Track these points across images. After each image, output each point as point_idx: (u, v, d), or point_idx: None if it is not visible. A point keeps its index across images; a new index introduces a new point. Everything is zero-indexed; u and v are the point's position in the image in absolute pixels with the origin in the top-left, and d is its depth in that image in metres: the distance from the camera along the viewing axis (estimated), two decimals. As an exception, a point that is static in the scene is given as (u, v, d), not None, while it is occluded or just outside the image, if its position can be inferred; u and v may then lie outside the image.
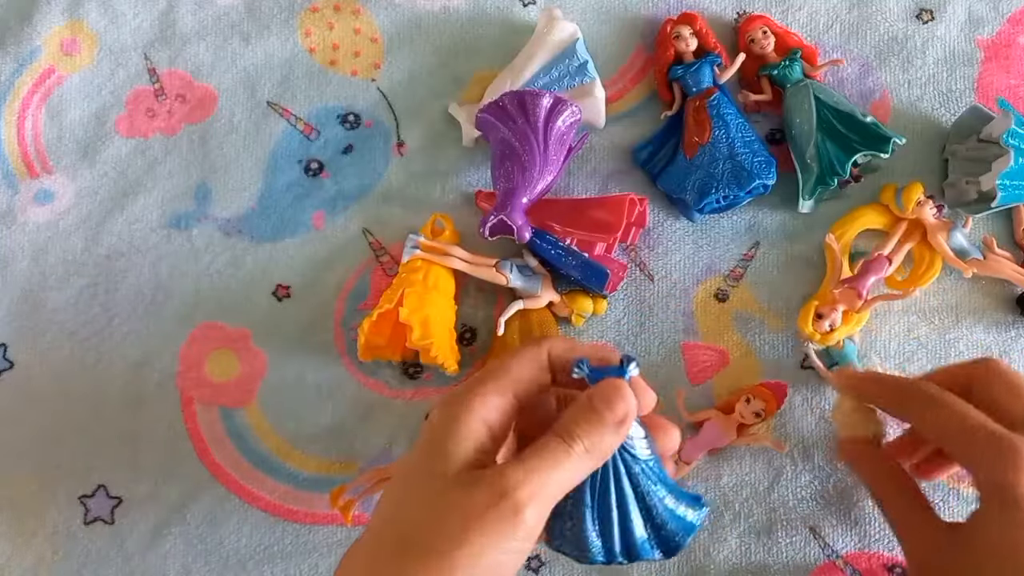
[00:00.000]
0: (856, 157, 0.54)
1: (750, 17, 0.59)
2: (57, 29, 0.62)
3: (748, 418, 0.52)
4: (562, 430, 0.36)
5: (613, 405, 0.36)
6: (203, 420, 0.55)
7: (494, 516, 0.33)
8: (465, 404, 0.37)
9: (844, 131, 0.55)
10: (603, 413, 0.36)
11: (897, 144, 0.54)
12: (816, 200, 0.56)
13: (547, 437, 0.36)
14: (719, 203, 0.56)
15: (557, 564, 0.53)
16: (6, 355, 0.57)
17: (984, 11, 0.60)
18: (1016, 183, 0.53)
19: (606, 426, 0.36)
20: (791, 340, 0.56)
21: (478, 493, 0.34)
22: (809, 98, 0.56)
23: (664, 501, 0.38)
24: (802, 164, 0.56)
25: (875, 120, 0.55)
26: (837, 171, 0.54)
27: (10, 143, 0.60)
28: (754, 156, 0.54)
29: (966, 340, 0.55)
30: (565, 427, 0.36)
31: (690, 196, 0.55)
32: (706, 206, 0.55)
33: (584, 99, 0.56)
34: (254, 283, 0.57)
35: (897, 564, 0.52)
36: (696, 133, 0.56)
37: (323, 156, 0.59)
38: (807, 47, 0.58)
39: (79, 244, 0.58)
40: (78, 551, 0.54)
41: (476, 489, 0.34)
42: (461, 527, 0.33)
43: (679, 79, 0.57)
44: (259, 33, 0.61)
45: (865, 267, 0.54)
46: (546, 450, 0.35)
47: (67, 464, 0.55)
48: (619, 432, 0.36)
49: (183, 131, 0.60)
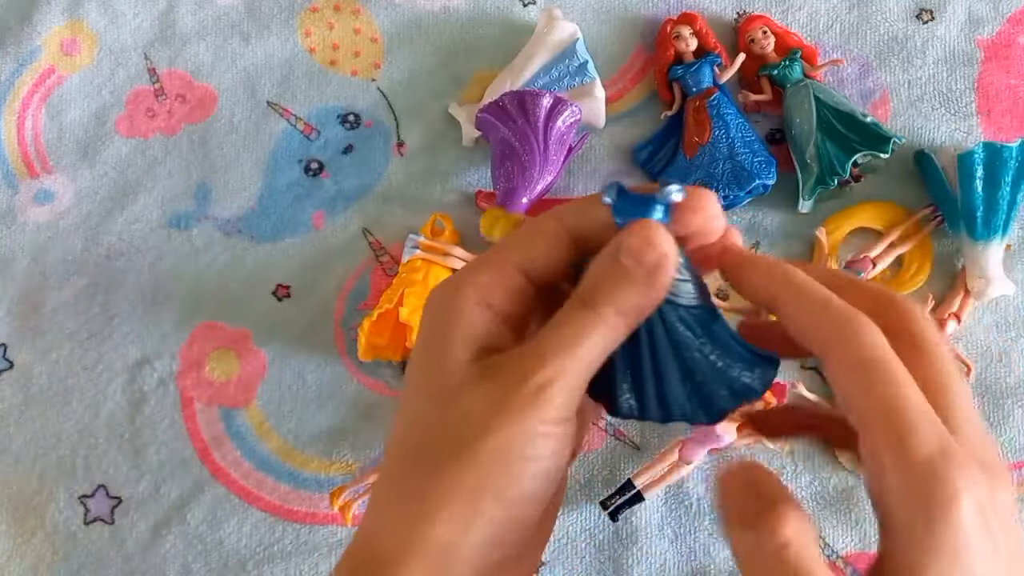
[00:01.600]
0: (856, 157, 0.54)
1: (750, 17, 0.59)
2: (57, 29, 0.62)
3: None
4: (585, 293, 0.29)
5: (641, 255, 0.28)
6: (203, 420, 0.55)
7: (517, 404, 0.28)
8: (456, 289, 0.31)
9: (844, 131, 0.55)
10: (630, 267, 0.28)
11: (897, 144, 0.54)
12: (816, 200, 0.56)
13: (569, 304, 0.30)
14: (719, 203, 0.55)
15: (557, 564, 0.53)
16: (6, 355, 0.57)
17: (984, 11, 0.60)
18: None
19: (635, 282, 0.29)
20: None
21: (495, 381, 0.29)
22: (809, 98, 0.56)
23: (710, 357, 0.31)
24: (802, 164, 0.56)
25: (875, 120, 0.55)
26: (837, 171, 0.54)
27: (10, 143, 0.60)
28: (754, 156, 0.55)
29: (966, 340, 0.55)
30: (588, 289, 0.29)
31: None
32: None
33: (584, 99, 0.56)
34: (254, 283, 0.57)
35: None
36: (696, 133, 0.56)
37: (323, 156, 0.59)
38: (807, 47, 0.58)
39: (79, 244, 0.58)
40: (78, 551, 0.54)
41: (493, 377, 0.29)
42: (481, 422, 0.28)
43: (679, 79, 0.57)
44: (259, 33, 0.61)
45: (848, 267, 0.54)
46: (568, 321, 0.29)
47: (67, 464, 0.55)
48: (655, 285, 0.29)
49: (183, 131, 0.60)
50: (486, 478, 0.28)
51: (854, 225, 0.56)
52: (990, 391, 0.54)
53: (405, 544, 0.28)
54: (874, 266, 0.54)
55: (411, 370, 0.32)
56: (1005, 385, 0.55)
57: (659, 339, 0.30)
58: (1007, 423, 0.54)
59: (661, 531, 0.53)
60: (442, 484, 0.28)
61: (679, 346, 0.30)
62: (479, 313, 0.30)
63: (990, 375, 0.55)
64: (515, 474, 0.28)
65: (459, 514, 0.28)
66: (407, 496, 0.29)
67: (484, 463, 0.28)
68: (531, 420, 0.28)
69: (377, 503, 0.31)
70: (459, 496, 0.28)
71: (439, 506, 0.28)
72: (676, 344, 0.30)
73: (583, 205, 0.31)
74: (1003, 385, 0.55)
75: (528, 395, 0.28)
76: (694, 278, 0.31)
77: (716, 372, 0.31)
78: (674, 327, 0.30)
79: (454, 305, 0.30)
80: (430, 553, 0.28)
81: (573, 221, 0.31)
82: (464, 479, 0.28)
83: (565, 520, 0.54)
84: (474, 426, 0.28)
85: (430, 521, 0.28)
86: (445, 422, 0.29)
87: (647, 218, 0.29)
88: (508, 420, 0.28)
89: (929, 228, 0.55)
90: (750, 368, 0.31)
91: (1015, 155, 0.54)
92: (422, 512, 0.28)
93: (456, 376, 0.29)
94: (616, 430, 0.55)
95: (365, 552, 0.30)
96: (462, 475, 0.28)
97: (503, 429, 0.28)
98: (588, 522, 0.54)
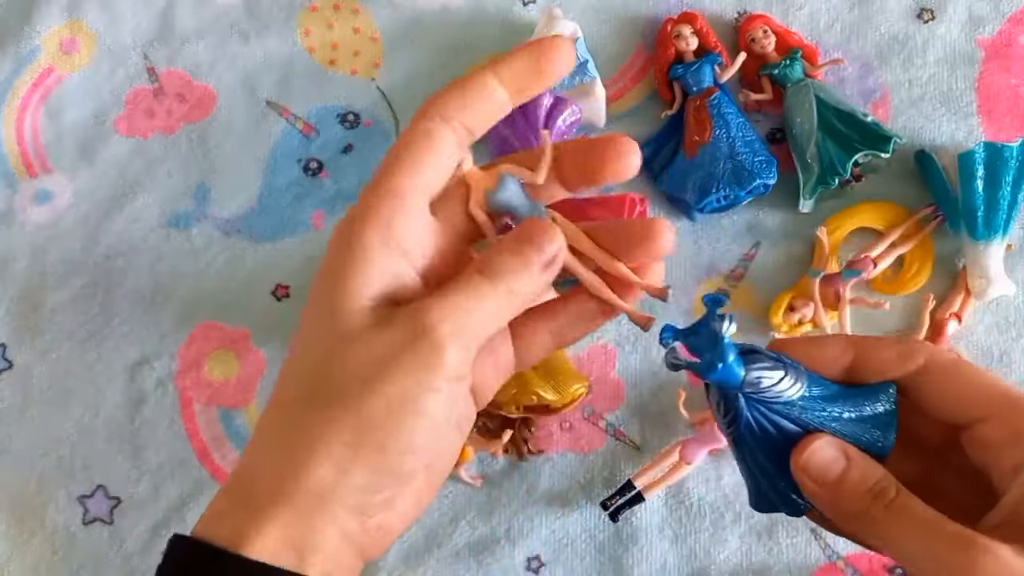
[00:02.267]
0: (857, 156, 0.54)
1: (750, 16, 0.59)
2: (56, 28, 0.61)
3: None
4: (485, 266, 0.31)
5: (543, 247, 0.31)
6: (203, 420, 0.55)
7: (411, 358, 0.29)
8: (363, 225, 0.30)
9: (845, 130, 0.55)
10: (530, 254, 0.31)
11: (898, 143, 0.54)
12: (817, 200, 0.56)
13: (471, 272, 0.31)
14: (720, 203, 0.55)
15: (557, 564, 0.53)
16: (6, 355, 0.56)
17: (985, 10, 0.60)
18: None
19: (532, 270, 0.31)
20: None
21: (390, 333, 0.29)
22: (810, 97, 0.56)
23: (850, 424, 0.32)
24: (803, 163, 0.56)
25: (876, 120, 0.55)
26: (838, 170, 0.54)
27: (9, 143, 0.60)
28: (755, 155, 0.54)
29: (965, 341, 0.55)
30: (489, 263, 0.31)
31: (691, 196, 0.55)
32: (707, 206, 0.55)
33: (584, 98, 0.56)
34: (254, 283, 0.57)
35: (898, 565, 0.52)
36: (697, 132, 0.56)
37: (323, 156, 0.59)
38: (808, 47, 0.58)
39: (78, 244, 0.58)
40: (77, 551, 0.54)
41: (388, 328, 0.29)
42: (372, 370, 0.29)
43: (680, 78, 0.57)
44: (258, 32, 0.61)
45: (849, 267, 0.54)
46: (467, 287, 0.30)
47: (67, 464, 0.55)
48: (547, 274, 0.32)
49: (182, 131, 0.60)
50: (369, 429, 0.29)
51: (855, 225, 0.56)
52: (991, 391, 0.54)
53: (282, 485, 0.29)
54: (875, 266, 0.54)
55: (309, 306, 0.32)
56: (1006, 385, 0.54)
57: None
58: (1008, 423, 0.54)
59: (661, 532, 0.53)
60: (325, 429, 0.29)
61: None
62: (385, 255, 0.30)
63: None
64: (399, 427, 0.29)
65: (339, 460, 0.29)
66: (290, 436, 0.30)
67: (368, 414, 0.29)
68: (421, 376, 0.29)
69: (261, 438, 0.32)
70: (340, 441, 0.29)
71: (319, 450, 0.29)
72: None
73: (467, 92, 0.33)
74: (1004, 385, 0.54)
75: (421, 352, 0.29)
76: (787, 371, 0.32)
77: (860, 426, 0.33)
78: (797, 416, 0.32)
79: (359, 243, 0.30)
80: (306, 496, 0.29)
81: (462, 118, 0.32)
82: (346, 426, 0.29)
83: (565, 520, 0.54)
84: (362, 376, 0.29)
85: (309, 464, 0.29)
86: (334, 367, 0.30)
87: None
88: (398, 375, 0.29)
89: (930, 228, 0.55)
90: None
91: (1016, 155, 0.54)
92: (302, 455, 0.29)
93: (351, 321, 0.30)
94: (616, 430, 0.55)
95: (243, 488, 0.31)
96: (344, 422, 0.29)
97: (391, 383, 0.29)
98: (588, 522, 0.54)
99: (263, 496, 0.29)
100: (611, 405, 0.55)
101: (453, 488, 0.54)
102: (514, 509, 0.54)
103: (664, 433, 0.55)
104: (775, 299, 0.55)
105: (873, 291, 0.56)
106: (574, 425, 0.55)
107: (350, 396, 0.29)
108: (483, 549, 0.54)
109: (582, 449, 0.55)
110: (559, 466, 0.55)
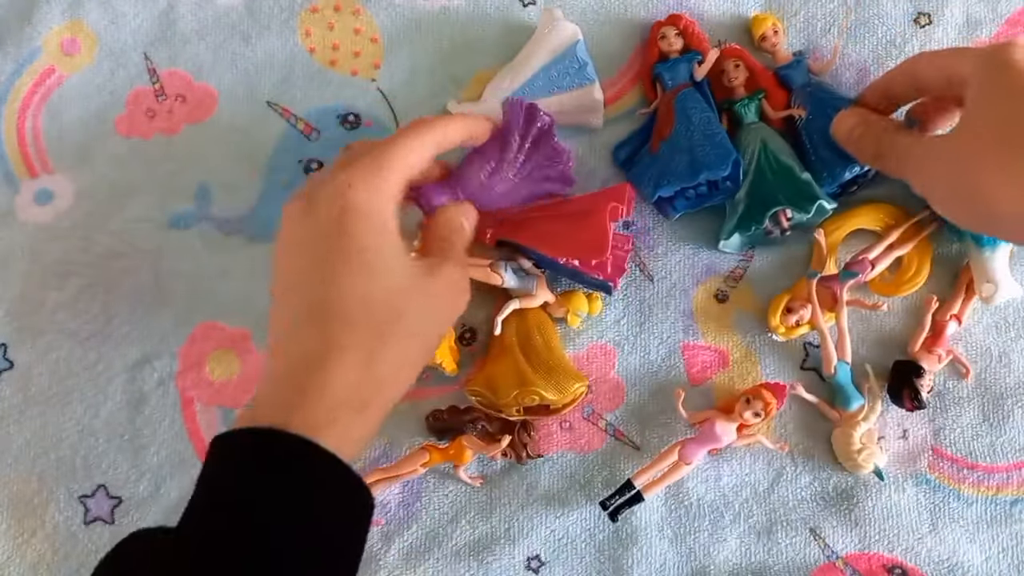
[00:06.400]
0: (776, 210, 0.53)
1: (727, 48, 0.58)
2: (57, 29, 0.61)
3: (748, 419, 0.52)
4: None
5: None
6: (203, 420, 0.55)
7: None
8: (386, 199, 0.43)
9: (774, 182, 0.54)
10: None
11: (824, 208, 0.53)
12: (742, 243, 0.56)
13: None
14: (688, 199, 0.55)
15: (557, 564, 0.54)
16: (6, 355, 0.57)
17: (982, 13, 0.60)
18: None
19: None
20: (792, 340, 0.56)
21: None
22: (756, 142, 0.55)
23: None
24: (731, 204, 0.55)
25: (810, 179, 0.54)
26: (755, 217, 0.54)
27: (10, 143, 0.60)
28: (712, 148, 0.53)
29: (966, 341, 0.56)
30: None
31: (647, 190, 0.55)
32: (677, 204, 0.55)
33: (582, 100, 0.57)
34: (254, 283, 0.57)
35: (897, 565, 0.53)
36: (662, 127, 0.56)
37: (323, 156, 0.59)
38: (778, 91, 0.57)
39: (79, 244, 0.58)
40: (78, 551, 0.54)
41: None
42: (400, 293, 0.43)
43: (659, 77, 0.57)
44: (259, 33, 0.61)
45: (847, 268, 0.55)
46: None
47: (67, 464, 0.55)
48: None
49: (183, 131, 0.60)
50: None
51: (853, 226, 0.56)
52: (990, 391, 0.55)
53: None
54: (873, 268, 0.54)
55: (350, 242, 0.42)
56: (1005, 385, 0.55)
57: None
58: (1007, 423, 0.54)
59: (661, 531, 0.54)
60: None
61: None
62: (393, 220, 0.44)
63: (990, 375, 0.55)
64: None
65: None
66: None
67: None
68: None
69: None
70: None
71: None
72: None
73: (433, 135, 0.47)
74: (1003, 385, 0.55)
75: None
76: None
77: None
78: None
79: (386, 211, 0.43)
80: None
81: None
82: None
83: (565, 520, 0.54)
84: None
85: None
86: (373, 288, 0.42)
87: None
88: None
89: (928, 230, 0.56)
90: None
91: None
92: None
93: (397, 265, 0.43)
94: (616, 430, 0.55)
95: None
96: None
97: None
98: (588, 522, 0.54)
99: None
100: (611, 405, 0.56)
101: (453, 488, 0.55)
102: (514, 509, 0.54)
103: (663, 433, 0.55)
104: (772, 300, 0.55)
105: (871, 293, 0.56)
106: (574, 425, 0.55)
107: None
108: (483, 548, 0.54)
109: (582, 449, 0.55)
110: (559, 466, 0.55)
